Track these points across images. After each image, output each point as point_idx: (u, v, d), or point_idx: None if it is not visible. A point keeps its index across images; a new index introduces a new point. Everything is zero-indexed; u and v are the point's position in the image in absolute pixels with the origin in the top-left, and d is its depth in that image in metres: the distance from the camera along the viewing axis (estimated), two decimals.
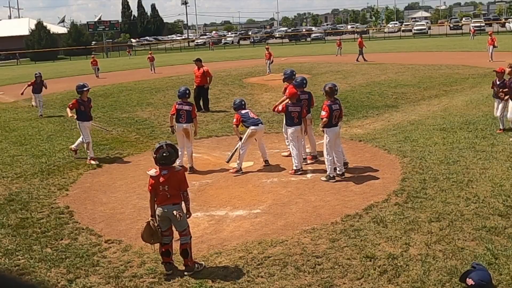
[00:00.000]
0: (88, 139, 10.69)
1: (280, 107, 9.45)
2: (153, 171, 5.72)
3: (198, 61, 16.72)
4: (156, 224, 5.69)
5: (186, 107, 9.71)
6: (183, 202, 5.74)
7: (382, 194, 7.76)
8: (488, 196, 7.34)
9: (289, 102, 9.33)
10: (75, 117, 10.72)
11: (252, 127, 9.46)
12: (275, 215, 7.28)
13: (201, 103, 16.44)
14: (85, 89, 10.79)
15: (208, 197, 8.29)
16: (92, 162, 10.60)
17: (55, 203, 8.30)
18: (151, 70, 32.45)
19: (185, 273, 5.71)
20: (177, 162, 9.85)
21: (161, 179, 5.61)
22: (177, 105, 9.76)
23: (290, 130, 9.26)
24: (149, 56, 33.20)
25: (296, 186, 8.54)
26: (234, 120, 9.70)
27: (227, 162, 9.87)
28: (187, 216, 5.79)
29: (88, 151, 10.74)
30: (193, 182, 9.08)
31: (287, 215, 7.22)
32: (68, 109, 10.83)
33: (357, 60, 31.45)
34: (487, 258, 5.53)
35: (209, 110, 16.52)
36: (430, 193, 7.60)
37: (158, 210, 5.69)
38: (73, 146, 11.15)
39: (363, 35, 42.84)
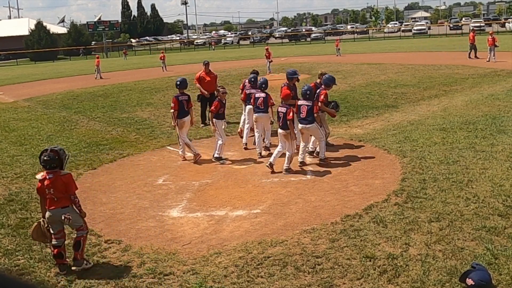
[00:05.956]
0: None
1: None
2: (40, 175, 5.86)
3: (208, 65, 14.42)
4: (46, 226, 5.83)
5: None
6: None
7: (382, 194, 7.76)
8: (488, 196, 7.34)
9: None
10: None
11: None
12: (275, 215, 7.28)
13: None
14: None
15: (208, 197, 8.29)
16: None
17: None
18: (163, 69, 33.83)
19: (73, 267, 5.83)
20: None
21: (46, 182, 5.70)
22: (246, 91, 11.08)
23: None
24: (161, 55, 35.60)
25: (295, 186, 8.54)
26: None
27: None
28: (82, 215, 5.92)
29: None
30: (193, 182, 9.10)
31: (287, 215, 7.22)
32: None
33: (471, 57, 28.15)
34: (487, 258, 5.53)
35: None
36: (430, 193, 7.60)
37: (47, 213, 5.79)
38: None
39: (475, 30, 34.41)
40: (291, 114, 9.17)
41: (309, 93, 9.58)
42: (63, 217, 5.72)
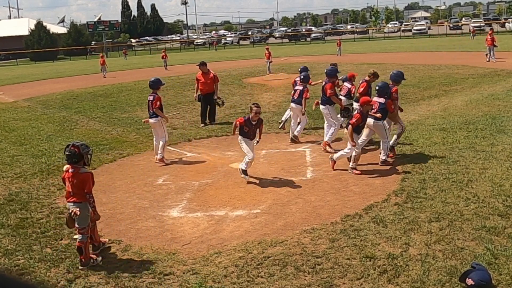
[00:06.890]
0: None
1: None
2: (65, 166, 6.13)
3: (203, 65, 14.40)
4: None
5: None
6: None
7: (382, 194, 7.76)
8: (488, 196, 7.34)
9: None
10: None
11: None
12: (275, 215, 7.28)
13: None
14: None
15: (208, 197, 8.28)
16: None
17: (54, 203, 8.29)
18: (165, 68, 34.26)
19: (80, 267, 5.95)
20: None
21: (67, 175, 5.95)
22: None
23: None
24: (163, 54, 36.01)
25: (296, 186, 8.54)
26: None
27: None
28: (95, 217, 6.04)
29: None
30: (193, 182, 9.10)
31: (287, 215, 7.22)
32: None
33: (488, 59, 26.56)
34: (487, 258, 5.53)
35: (215, 121, 14.50)
36: (429, 193, 7.61)
37: (67, 205, 6.08)
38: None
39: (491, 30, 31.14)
40: (353, 119, 8.97)
41: (378, 89, 9.46)
42: (70, 210, 5.83)
